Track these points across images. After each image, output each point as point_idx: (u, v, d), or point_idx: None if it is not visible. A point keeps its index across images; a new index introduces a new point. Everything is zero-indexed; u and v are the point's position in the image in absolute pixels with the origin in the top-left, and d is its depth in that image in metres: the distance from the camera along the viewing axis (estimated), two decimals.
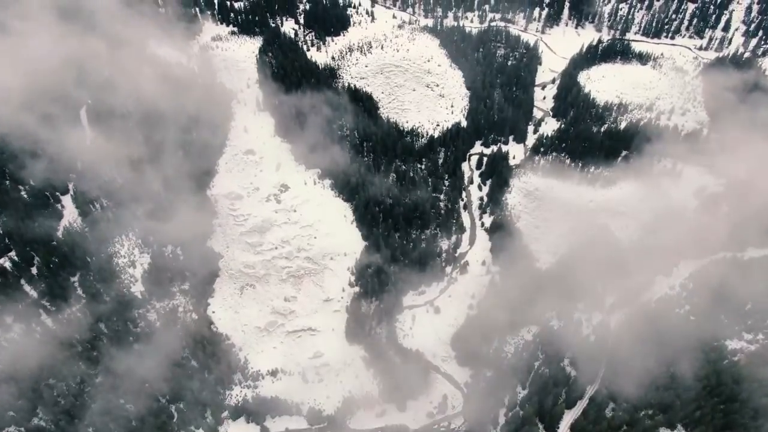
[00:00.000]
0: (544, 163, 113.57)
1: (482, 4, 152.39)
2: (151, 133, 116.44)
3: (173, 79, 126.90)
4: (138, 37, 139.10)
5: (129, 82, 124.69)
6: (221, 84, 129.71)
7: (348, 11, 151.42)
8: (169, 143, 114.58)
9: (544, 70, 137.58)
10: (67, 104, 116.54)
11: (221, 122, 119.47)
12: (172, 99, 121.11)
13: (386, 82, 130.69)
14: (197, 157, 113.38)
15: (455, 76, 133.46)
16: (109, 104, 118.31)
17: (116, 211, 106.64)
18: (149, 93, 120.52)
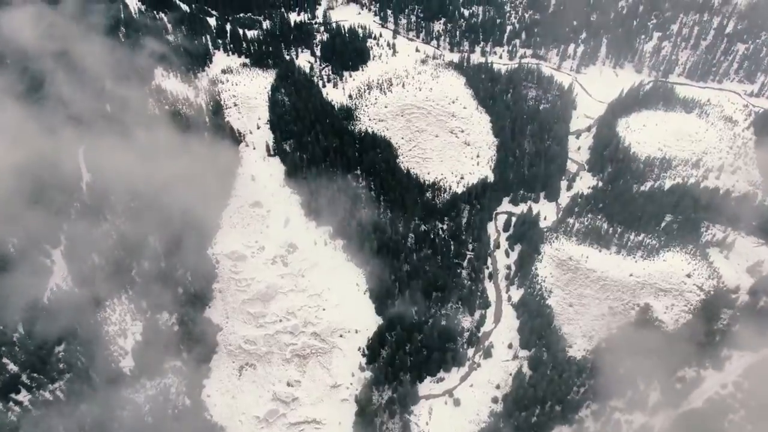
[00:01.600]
0: (578, 227, 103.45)
1: (512, 39, 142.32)
2: (151, 180, 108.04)
3: (179, 119, 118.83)
4: (144, 69, 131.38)
5: (130, 120, 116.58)
6: (229, 124, 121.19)
7: (368, 43, 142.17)
8: (171, 193, 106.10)
9: (578, 115, 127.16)
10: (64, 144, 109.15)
11: (228, 169, 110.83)
12: (177, 143, 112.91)
13: (407, 126, 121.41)
14: (200, 210, 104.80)
15: (482, 120, 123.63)
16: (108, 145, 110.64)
17: (109, 269, 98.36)
18: (152, 136, 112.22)
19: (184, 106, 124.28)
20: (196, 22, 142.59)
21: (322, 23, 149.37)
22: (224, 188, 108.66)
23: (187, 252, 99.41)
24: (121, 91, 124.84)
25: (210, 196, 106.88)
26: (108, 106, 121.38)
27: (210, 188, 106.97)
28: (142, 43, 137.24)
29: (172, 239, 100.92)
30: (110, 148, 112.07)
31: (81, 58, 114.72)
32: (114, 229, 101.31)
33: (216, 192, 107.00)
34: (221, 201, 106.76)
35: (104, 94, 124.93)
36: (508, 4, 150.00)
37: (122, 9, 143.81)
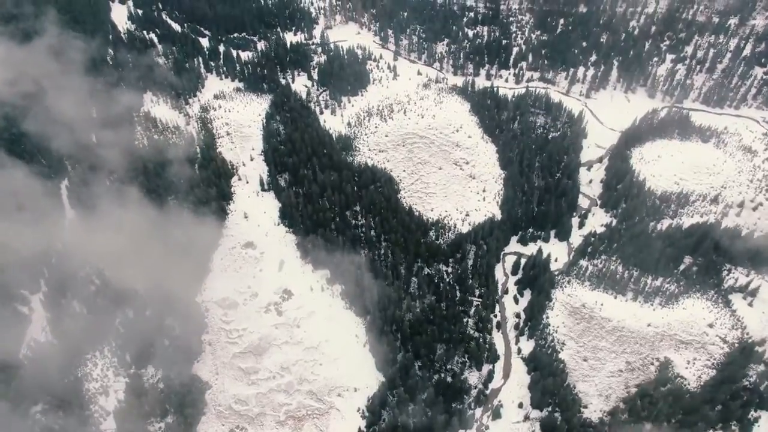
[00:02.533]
0: (591, 270, 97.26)
1: (519, 61, 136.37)
2: (140, 220, 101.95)
3: (169, 150, 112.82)
4: (132, 95, 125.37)
5: (118, 152, 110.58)
6: (221, 156, 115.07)
7: (368, 65, 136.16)
8: (159, 234, 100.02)
9: (589, 145, 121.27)
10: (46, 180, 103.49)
11: (219, 206, 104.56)
12: (166, 176, 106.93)
13: (409, 157, 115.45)
14: (189, 252, 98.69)
15: (488, 151, 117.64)
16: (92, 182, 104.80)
17: (92, 318, 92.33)
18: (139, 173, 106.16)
19: (174, 135, 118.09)
20: (187, 43, 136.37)
21: (319, 44, 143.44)
22: (215, 228, 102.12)
23: (174, 299, 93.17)
24: (108, 120, 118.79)
25: (200, 236, 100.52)
26: (93, 137, 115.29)
27: (200, 229, 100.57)
28: (131, 66, 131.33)
29: (158, 284, 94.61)
30: (95, 186, 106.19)
31: (61, 94, 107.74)
32: (96, 274, 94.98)
33: (206, 232, 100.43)
34: (212, 242, 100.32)
35: (90, 124, 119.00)
36: (514, 24, 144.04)
37: (111, 31, 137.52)
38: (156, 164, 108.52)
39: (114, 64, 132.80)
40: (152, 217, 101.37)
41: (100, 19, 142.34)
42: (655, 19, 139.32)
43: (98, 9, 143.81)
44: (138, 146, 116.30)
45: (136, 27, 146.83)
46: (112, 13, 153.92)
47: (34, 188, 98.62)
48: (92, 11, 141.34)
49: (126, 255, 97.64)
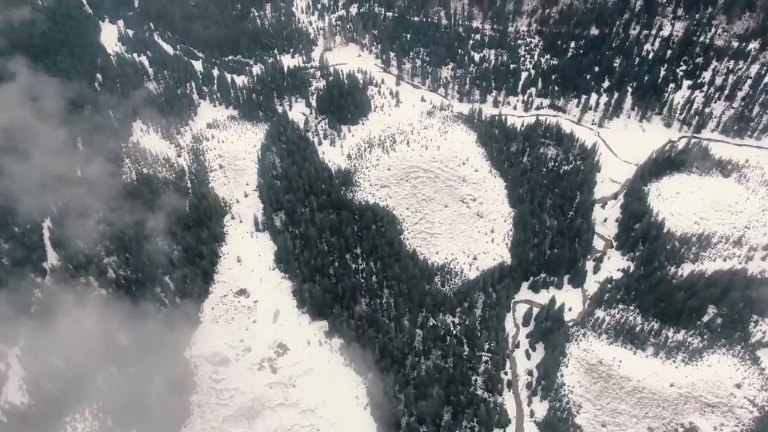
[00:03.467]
0: (608, 321, 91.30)
1: (528, 87, 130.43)
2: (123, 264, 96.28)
3: (158, 185, 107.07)
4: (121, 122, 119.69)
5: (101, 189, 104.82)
6: (214, 191, 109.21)
7: (369, 91, 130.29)
8: (144, 284, 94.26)
9: (603, 179, 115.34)
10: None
11: (210, 249, 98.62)
12: (155, 216, 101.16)
13: (412, 194, 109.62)
14: (179, 300, 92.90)
15: (496, 186, 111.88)
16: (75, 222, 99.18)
17: (72, 375, 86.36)
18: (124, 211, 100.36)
19: (164, 168, 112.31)
20: (180, 66, 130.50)
21: (318, 67, 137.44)
22: (206, 273, 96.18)
23: (161, 355, 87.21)
24: (95, 152, 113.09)
25: (190, 282, 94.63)
26: (78, 170, 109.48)
27: (190, 273, 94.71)
28: (121, 92, 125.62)
29: (144, 337, 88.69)
30: (79, 218, 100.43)
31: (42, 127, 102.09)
32: (78, 327, 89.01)
33: (197, 278, 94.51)
34: (203, 288, 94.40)
35: (75, 155, 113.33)
36: (522, 48, 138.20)
37: (99, 54, 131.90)
38: (144, 205, 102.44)
39: (102, 90, 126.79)
40: (138, 259, 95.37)
41: (88, 41, 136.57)
42: (670, 42, 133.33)
43: (87, 30, 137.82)
44: (126, 181, 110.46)
45: (126, 49, 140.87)
46: (102, 34, 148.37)
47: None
48: (79, 32, 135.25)
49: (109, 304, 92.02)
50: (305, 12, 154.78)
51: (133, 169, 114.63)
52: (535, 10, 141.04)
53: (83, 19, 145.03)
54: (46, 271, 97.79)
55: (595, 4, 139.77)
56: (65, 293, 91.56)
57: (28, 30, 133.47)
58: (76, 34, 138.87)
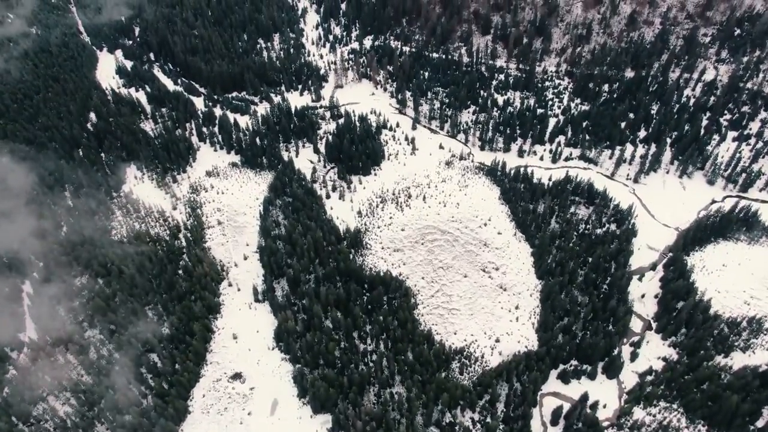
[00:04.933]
0: (649, 422, 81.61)
1: (556, 135, 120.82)
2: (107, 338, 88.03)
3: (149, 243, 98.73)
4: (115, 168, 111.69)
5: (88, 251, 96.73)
6: (210, 253, 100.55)
7: (383, 135, 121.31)
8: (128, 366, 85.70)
9: (640, 246, 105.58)
10: None
11: (203, 324, 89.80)
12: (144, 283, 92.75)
13: (428, 260, 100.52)
14: (165, 385, 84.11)
15: (521, 253, 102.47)
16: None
17: None
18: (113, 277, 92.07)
19: (157, 223, 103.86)
20: (180, 105, 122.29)
21: (328, 107, 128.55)
22: (198, 353, 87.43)
23: None
24: (84, 204, 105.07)
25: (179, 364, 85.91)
26: (64, 227, 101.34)
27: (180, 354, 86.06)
28: (115, 134, 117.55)
29: None
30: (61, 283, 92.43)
31: None
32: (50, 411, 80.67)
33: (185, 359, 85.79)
34: (193, 371, 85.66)
35: (62, 208, 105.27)
36: (550, 90, 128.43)
37: (94, 92, 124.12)
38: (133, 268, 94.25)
39: (96, 131, 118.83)
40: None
41: (83, 75, 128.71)
42: (714, 88, 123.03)
43: (82, 62, 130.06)
44: (115, 239, 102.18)
45: (124, 83, 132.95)
46: (99, 65, 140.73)
47: None
48: (74, 65, 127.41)
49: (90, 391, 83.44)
50: (316, 44, 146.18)
51: (124, 224, 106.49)
52: (565, 49, 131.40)
53: (79, 50, 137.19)
54: (23, 344, 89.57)
55: (631, 44, 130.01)
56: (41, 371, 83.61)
57: (18, 64, 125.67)
58: (71, 67, 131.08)
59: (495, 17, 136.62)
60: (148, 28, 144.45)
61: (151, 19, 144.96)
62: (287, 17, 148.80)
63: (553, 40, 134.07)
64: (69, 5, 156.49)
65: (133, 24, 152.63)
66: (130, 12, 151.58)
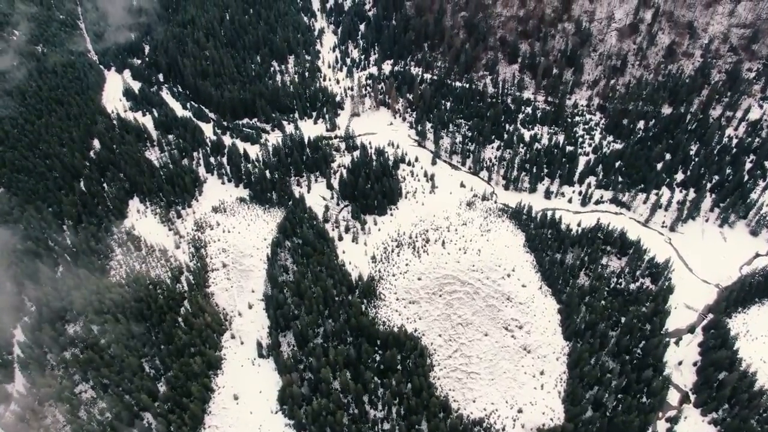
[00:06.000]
0: None
1: (586, 176, 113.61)
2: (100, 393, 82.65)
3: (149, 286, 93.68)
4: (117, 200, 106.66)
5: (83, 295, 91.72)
6: (213, 300, 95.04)
7: (400, 169, 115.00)
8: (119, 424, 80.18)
9: (677, 304, 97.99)
10: None
11: (202, 384, 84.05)
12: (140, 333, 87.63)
13: (446, 314, 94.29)
14: None
15: (547, 309, 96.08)
16: None
17: None
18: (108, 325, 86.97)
19: (159, 264, 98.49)
20: (188, 132, 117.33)
21: (343, 138, 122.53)
22: (196, 417, 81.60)
23: None
24: (82, 242, 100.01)
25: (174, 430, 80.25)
26: (60, 267, 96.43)
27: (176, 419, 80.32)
28: (118, 164, 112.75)
29: None
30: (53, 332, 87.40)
31: None
32: None
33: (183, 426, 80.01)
34: None
35: (60, 245, 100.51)
36: (581, 126, 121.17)
37: (99, 117, 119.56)
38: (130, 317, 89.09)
39: (98, 160, 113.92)
40: None
41: (89, 97, 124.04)
42: (758, 128, 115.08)
43: (88, 84, 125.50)
44: (112, 281, 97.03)
45: (131, 105, 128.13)
46: (106, 85, 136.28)
47: None
48: (80, 87, 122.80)
49: None
50: (332, 67, 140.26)
51: (123, 264, 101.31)
52: (597, 81, 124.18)
53: (86, 70, 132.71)
54: (10, 398, 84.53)
55: (669, 78, 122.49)
56: None
57: (21, 87, 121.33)
58: (77, 88, 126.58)
59: (523, 45, 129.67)
60: (158, 47, 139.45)
61: (161, 38, 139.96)
62: (303, 38, 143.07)
63: (585, 71, 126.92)
64: (78, 21, 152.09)
65: (143, 42, 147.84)
66: (141, 30, 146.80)
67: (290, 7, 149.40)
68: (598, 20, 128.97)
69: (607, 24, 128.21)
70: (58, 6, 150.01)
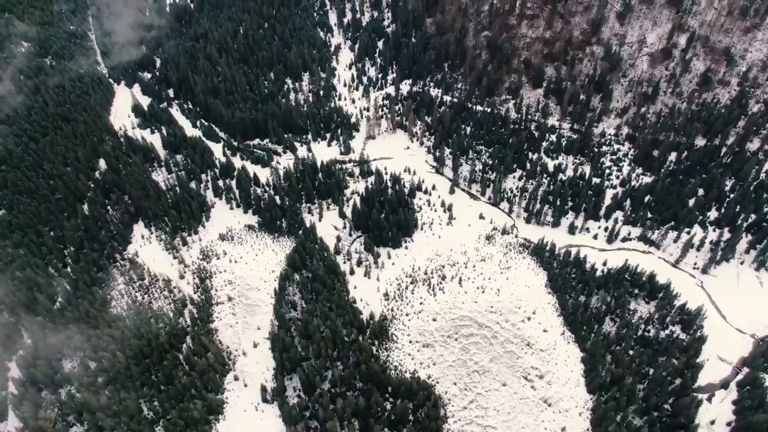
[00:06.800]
0: None
1: (612, 211, 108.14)
2: None
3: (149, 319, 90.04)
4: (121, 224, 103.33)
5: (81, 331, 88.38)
6: (217, 337, 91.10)
7: (417, 197, 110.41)
8: None
9: (709, 356, 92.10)
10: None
11: (200, 430, 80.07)
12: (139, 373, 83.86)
13: (462, 360, 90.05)
14: None
15: (570, 357, 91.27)
16: None
17: None
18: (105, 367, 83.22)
19: (161, 295, 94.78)
20: (197, 153, 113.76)
21: (358, 162, 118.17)
22: None
23: None
24: (85, 268, 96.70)
25: None
26: (59, 298, 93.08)
27: None
28: (124, 187, 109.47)
29: None
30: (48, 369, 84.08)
31: None
32: None
33: None
34: None
35: (61, 273, 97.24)
36: (608, 156, 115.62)
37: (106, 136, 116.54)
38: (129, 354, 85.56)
39: (103, 182, 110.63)
40: None
41: (96, 114, 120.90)
42: None
43: (96, 99, 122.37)
44: (112, 312, 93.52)
45: (139, 122, 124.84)
46: (115, 100, 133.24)
47: None
48: (88, 103, 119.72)
49: None
50: (348, 86, 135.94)
51: (125, 294, 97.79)
52: (627, 109, 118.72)
53: (95, 84, 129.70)
54: None
55: (704, 107, 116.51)
56: None
57: (27, 103, 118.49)
58: (84, 105, 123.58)
59: (548, 69, 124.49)
60: (169, 62, 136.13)
61: (173, 52, 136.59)
62: (319, 54, 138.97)
63: (614, 98, 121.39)
64: (89, 33, 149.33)
65: (154, 55, 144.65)
66: (153, 42, 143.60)
67: (306, 22, 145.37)
68: (629, 44, 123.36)
69: (639, 48, 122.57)
70: (69, 17, 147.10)
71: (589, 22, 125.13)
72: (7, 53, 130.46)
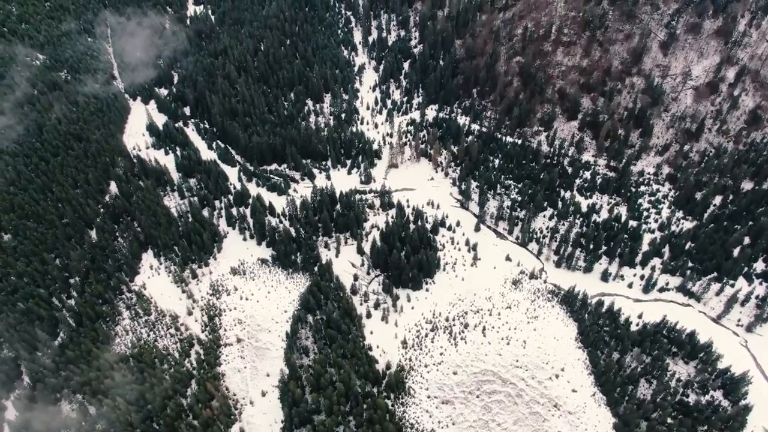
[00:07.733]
0: None
1: (649, 258, 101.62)
2: None
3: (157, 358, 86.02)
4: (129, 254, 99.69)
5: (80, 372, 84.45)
6: (224, 383, 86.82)
7: (439, 234, 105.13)
8: None
9: (754, 427, 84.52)
10: None
11: None
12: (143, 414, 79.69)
13: (483, 421, 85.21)
14: None
15: (601, 421, 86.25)
16: None
17: None
18: None
19: (168, 332, 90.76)
20: (212, 178, 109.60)
21: (378, 193, 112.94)
22: None
23: None
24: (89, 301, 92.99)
25: None
26: (61, 333, 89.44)
27: None
28: (133, 213, 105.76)
29: None
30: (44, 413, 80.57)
31: None
32: None
33: None
34: None
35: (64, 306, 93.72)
36: (646, 197, 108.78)
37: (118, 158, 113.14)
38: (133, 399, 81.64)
39: (113, 207, 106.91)
40: None
41: (110, 133, 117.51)
42: None
43: (111, 118, 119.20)
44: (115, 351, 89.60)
45: (153, 142, 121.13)
46: (130, 117, 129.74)
47: None
48: (102, 121, 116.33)
49: None
50: (371, 109, 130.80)
51: (130, 331, 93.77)
52: (668, 147, 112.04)
53: (110, 101, 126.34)
54: None
55: (752, 147, 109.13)
56: None
57: (39, 120, 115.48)
58: (98, 123, 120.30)
59: (584, 100, 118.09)
60: (186, 80, 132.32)
61: (191, 69, 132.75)
62: (342, 75, 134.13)
63: (654, 134, 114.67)
64: (107, 45, 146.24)
65: (172, 70, 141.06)
66: (171, 57, 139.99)
67: (330, 40, 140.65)
68: (672, 76, 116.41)
69: (683, 81, 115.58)
70: (87, 29, 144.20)
71: (629, 52, 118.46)
72: (21, 66, 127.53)
